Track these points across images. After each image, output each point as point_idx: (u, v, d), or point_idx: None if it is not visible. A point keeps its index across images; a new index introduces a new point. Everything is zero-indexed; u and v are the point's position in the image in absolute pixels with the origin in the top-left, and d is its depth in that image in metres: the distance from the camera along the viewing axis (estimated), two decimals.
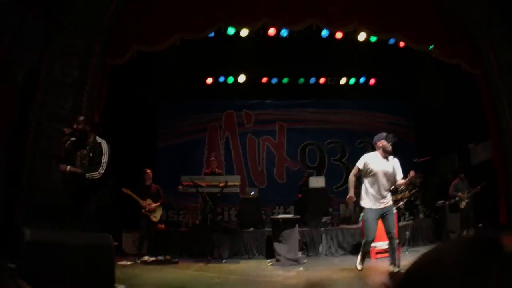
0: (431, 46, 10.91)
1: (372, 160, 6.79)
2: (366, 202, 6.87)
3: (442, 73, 12.27)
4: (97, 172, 6.36)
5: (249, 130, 15.09)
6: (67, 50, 9.18)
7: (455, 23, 11.01)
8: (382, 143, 6.81)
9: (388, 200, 6.88)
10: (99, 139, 6.69)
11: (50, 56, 9.06)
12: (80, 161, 6.52)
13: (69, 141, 6.52)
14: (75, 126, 6.54)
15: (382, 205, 6.76)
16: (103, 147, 6.59)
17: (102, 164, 6.45)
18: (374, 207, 6.76)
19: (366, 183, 6.87)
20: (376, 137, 7.03)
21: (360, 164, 6.90)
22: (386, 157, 6.80)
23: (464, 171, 11.57)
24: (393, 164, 6.83)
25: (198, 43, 10.91)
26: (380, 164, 6.77)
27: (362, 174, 6.95)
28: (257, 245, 10.15)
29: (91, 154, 6.53)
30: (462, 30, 11.09)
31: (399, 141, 7.07)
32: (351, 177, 7.12)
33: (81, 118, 6.75)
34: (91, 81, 9.38)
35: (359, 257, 7.16)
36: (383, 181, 6.75)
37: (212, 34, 10.76)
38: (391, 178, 6.82)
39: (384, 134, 6.91)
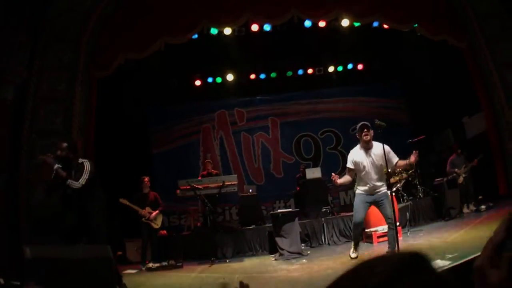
0: (415, 25, 10.96)
1: (356, 154, 6.74)
2: (358, 188, 6.90)
3: (428, 50, 12.34)
4: (77, 182, 6.43)
5: (243, 128, 15.15)
6: (54, 66, 9.26)
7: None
8: (358, 136, 6.78)
9: (382, 189, 6.75)
10: (81, 160, 6.73)
11: (38, 72, 9.10)
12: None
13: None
14: (58, 152, 6.61)
15: (374, 191, 6.72)
16: (85, 165, 6.63)
17: (83, 176, 6.50)
18: (365, 193, 6.78)
19: (357, 176, 6.86)
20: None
21: (349, 164, 6.82)
22: (368, 148, 6.70)
23: (460, 146, 11.63)
24: (379, 152, 6.58)
25: (183, 46, 10.91)
26: (363, 157, 6.66)
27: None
28: (259, 242, 10.17)
29: (73, 174, 6.61)
30: (446, 5, 11.14)
31: (384, 125, 6.81)
32: (348, 178, 6.95)
33: (64, 145, 6.77)
34: (80, 94, 9.43)
35: (352, 244, 7.19)
36: (371, 173, 6.64)
37: (195, 36, 10.79)
38: (380, 167, 6.68)
39: (358, 125, 6.83)
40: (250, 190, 12.18)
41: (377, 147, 6.67)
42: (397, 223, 7.93)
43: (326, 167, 13.69)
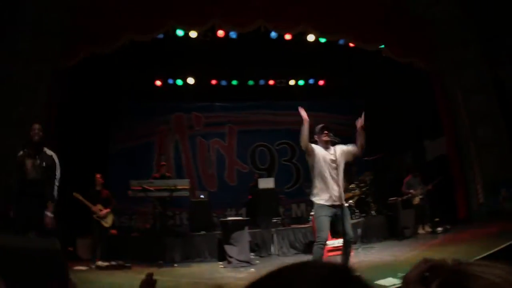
0: (382, 46, 11.14)
1: (318, 148, 6.54)
2: (317, 197, 6.18)
3: (393, 70, 12.51)
4: (55, 186, 6.28)
5: (199, 133, 15.01)
6: (20, 55, 9.05)
7: (409, 22, 11.29)
8: (316, 137, 6.59)
9: (342, 196, 6.20)
10: (48, 151, 6.47)
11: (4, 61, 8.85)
12: (33, 170, 6.29)
13: (23, 151, 6.31)
14: (36, 138, 6.33)
15: (336, 202, 6.06)
16: (55, 160, 6.42)
17: (57, 177, 6.32)
18: (326, 203, 6.06)
19: (316, 175, 6.30)
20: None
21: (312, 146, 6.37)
22: (327, 148, 6.36)
23: (417, 168, 11.83)
24: (337, 151, 6.34)
25: (148, 45, 10.78)
26: (324, 153, 6.28)
27: (310, 164, 6.39)
28: (208, 248, 10.06)
29: (44, 164, 6.31)
30: (416, 29, 11.38)
31: (336, 141, 6.73)
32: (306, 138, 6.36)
33: (38, 126, 6.46)
34: (44, 84, 9.21)
35: None
36: (332, 173, 6.20)
37: (161, 36, 10.65)
38: (339, 168, 6.26)
39: (318, 126, 6.69)
40: (202, 196, 12.10)
41: (334, 148, 6.38)
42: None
43: (280, 178, 13.78)
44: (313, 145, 6.39)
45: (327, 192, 6.10)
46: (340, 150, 6.34)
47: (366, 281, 0.80)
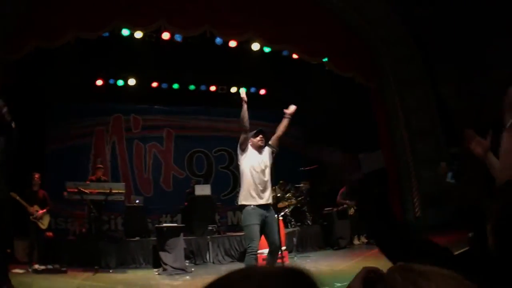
0: (326, 59, 11.35)
1: (251, 150, 6.41)
2: (248, 201, 6.02)
3: (334, 83, 12.71)
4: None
5: (137, 136, 14.62)
6: None
7: (353, 37, 11.58)
8: (251, 140, 6.51)
9: (270, 199, 6.20)
10: None
11: None
12: None
13: None
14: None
15: (264, 203, 6.02)
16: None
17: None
18: (254, 203, 5.97)
19: (245, 178, 6.20)
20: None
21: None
22: (260, 152, 6.44)
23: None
24: (266, 153, 6.47)
25: (92, 43, 10.43)
26: (256, 155, 6.35)
27: (240, 161, 6.47)
28: (143, 254, 9.86)
29: None
30: (360, 44, 11.69)
31: (274, 150, 6.90)
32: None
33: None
34: None
35: None
36: (261, 175, 6.17)
37: (107, 34, 10.38)
38: (267, 173, 6.30)
39: (255, 131, 6.74)
40: (137, 201, 11.86)
41: (264, 149, 6.51)
42: (284, 247, 8.13)
43: (216, 185, 13.70)
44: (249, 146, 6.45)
45: (255, 195, 6.01)
46: (268, 152, 6.49)
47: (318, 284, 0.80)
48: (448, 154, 10.12)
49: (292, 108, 6.92)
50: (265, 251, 8.55)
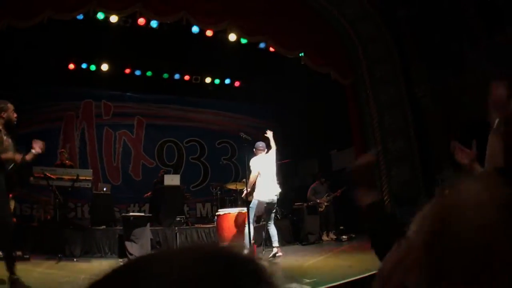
0: (302, 54, 11.29)
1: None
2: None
3: (310, 79, 12.68)
4: None
5: (107, 123, 14.32)
6: None
7: (331, 34, 11.55)
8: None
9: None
10: None
11: None
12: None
13: None
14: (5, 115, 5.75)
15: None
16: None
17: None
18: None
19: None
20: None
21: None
22: None
23: (324, 176, 12.08)
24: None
25: (66, 25, 10.08)
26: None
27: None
28: (109, 244, 9.65)
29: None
30: (337, 41, 11.66)
31: (249, 138, 7.76)
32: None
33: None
34: None
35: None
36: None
37: (81, 17, 10.06)
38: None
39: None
40: (105, 189, 11.62)
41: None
42: (253, 241, 8.13)
43: (186, 176, 13.57)
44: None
45: None
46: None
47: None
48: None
49: (269, 133, 8.39)
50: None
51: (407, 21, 11.01)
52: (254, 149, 8.39)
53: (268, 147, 8.72)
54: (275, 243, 8.31)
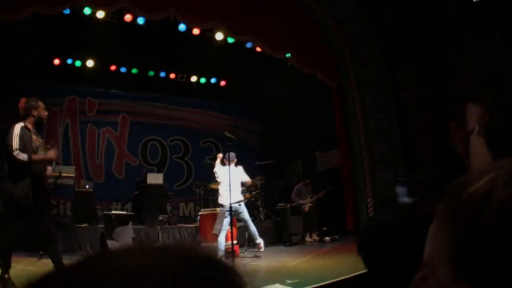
0: (288, 54, 11.30)
1: None
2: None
3: (297, 80, 12.68)
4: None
5: (91, 120, 14.13)
6: None
7: (318, 35, 11.59)
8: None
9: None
10: None
11: None
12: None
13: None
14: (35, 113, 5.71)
15: None
16: None
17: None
18: None
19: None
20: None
21: None
22: None
23: (308, 177, 12.10)
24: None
25: (51, 19, 9.94)
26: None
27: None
28: (90, 242, 9.55)
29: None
30: (324, 43, 11.71)
31: (233, 137, 8.17)
32: None
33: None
34: None
35: None
36: None
37: (68, 11, 9.94)
38: None
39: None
40: (87, 186, 11.50)
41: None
42: (235, 241, 8.15)
43: (170, 175, 13.53)
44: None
45: None
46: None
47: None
48: (398, 179, 10.34)
49: None
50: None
51: (395, 24, 11.10)
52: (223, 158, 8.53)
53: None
54: (257, 239, 8.55)
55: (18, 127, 5.42)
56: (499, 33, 9.77)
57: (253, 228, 8.56)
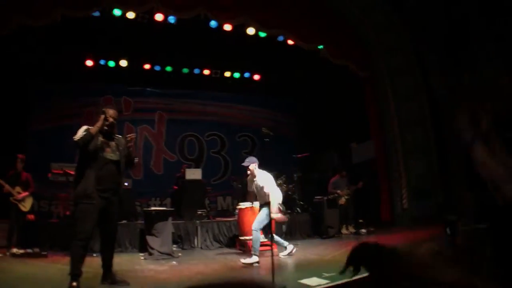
0: (321, 46, 11.20)
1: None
2: None
3: (328, 72, 12.61)
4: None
5: (127, 118, 14.36)
6: None
7: (346, 25, 11.43)
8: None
9: None
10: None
11: None
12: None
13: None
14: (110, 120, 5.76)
15: None
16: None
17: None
18: None
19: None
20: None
21: None
22: None
23: (345, 169, 11.99)
24: None
25: (81, 22, 10.16)
26: None
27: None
28: (130, 238, 9.75)
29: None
30: (354, 33, 11.55)
31: (270, 133, 7.67)
32: None
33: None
34: None
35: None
36: None
37: (97, 14, 10.11)
38: None
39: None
40: (126, 184, 11.69)
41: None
42: (273, 234, 8.12)
43: (207, 169, 13.60)
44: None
45: None
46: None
47: None
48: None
49: None
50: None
51: (422, 10, 10.80)
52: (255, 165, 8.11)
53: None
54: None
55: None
56: None
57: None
